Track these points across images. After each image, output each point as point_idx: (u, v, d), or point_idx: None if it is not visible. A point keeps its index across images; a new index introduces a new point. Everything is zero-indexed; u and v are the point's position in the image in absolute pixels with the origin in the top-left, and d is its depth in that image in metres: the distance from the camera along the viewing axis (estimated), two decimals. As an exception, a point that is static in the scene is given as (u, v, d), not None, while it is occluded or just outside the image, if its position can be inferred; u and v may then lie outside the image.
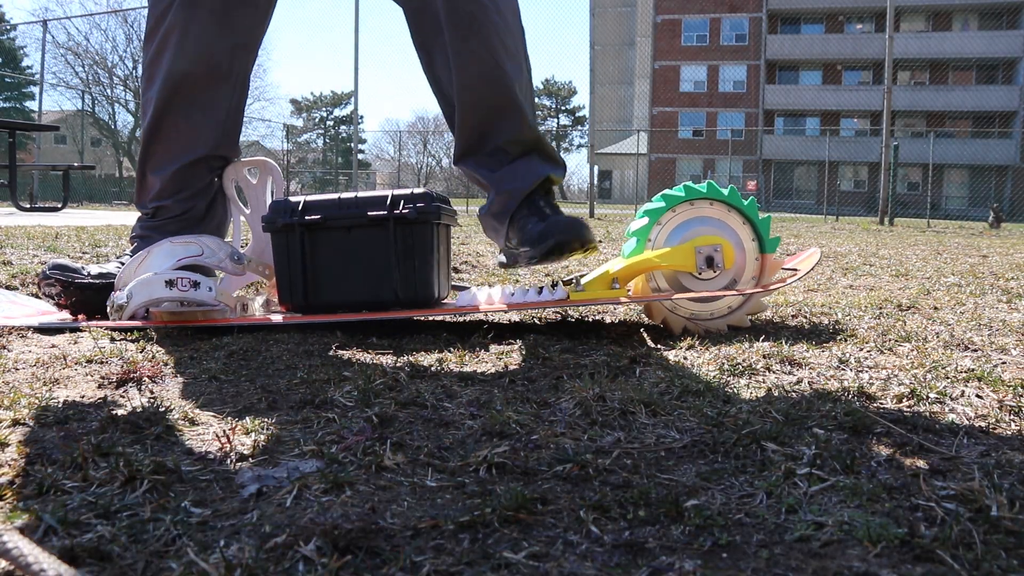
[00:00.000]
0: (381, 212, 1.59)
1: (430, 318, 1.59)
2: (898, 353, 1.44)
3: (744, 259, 1.74)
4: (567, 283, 1.73)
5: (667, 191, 1.76)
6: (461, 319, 1.83)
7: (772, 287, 1.72)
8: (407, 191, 1.64)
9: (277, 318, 1.66)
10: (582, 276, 1.73)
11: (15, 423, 0.94)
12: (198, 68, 1.74)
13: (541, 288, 1.70)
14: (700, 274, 1.70)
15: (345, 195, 1.65)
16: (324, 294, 1.63)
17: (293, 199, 1.65)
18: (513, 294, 1.68)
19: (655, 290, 1.73)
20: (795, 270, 1.89)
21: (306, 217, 1.61)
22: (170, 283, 1.54)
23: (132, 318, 1.58)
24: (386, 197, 1.62)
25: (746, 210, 1.74)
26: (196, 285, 1.56)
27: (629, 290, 1.72)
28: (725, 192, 1.74)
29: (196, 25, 1.72)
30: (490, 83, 1.72)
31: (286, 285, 1.64)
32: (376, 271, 1.62)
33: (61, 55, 32.58)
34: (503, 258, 1.86)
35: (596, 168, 14.42)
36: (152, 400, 1.06)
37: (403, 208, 1.59)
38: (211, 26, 1.73)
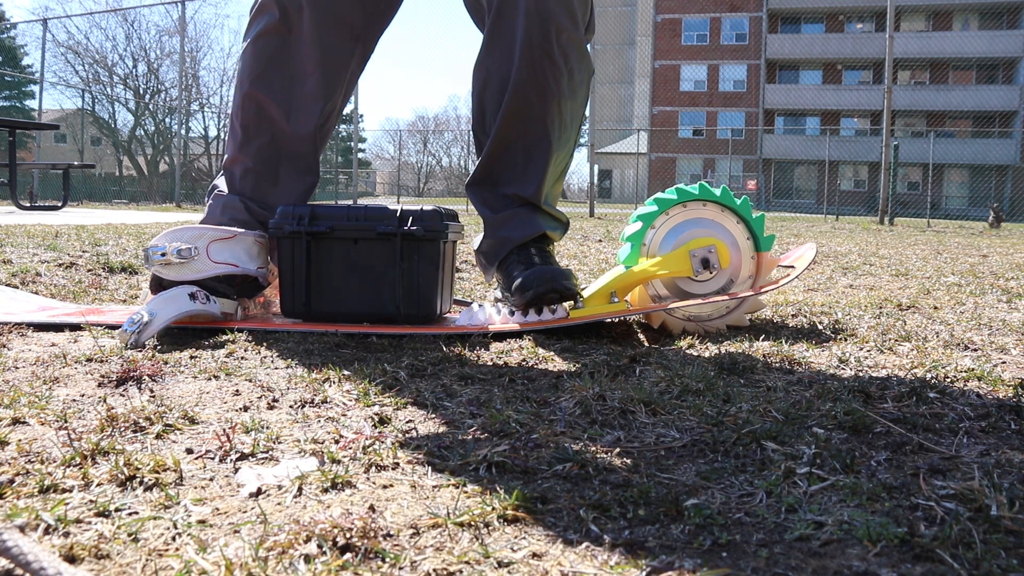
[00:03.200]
0: (390, 227, 1.59)
1: (430, 335, 1.59)
2: (898, 353, 1.44)
3: (740, 258, 1.74)
4: None
5: (659, 194, 1.76)
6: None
7: (767, 289, 1.72)
8: (417, 208, 1.64)
9: (278, 321, 1.66)
10: (582, 289, 1.73)
11: (15, 421, 0.94)
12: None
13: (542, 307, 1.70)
14: (697, 276, 1.70)
15: (353, 206, 1.66)
16: (326, 303, 1.64)
17: (301, 207, 1.65)
18: (513, 313, 1.68)
19: (653, 296, 1.73)
20: (791, 267, 1.89)
21: (313, 227, 1.61)
22: (192, 296, 1.56)
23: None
24: (395, 212, 1.62)
25: (739, 209, 1.74)
26: (209, 298, 1.60)
27: (628, 301, 1.72)
28: (717, 192, 1.74)
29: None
30: (532, 140, 1.73)
31: (288, 291, 1.64)
32: (380, 284, 1.62)
33: (61, 54, 32.56)
34: (499, 293, 1.88)
35: (596, 167, 14.43)
36: (152, 399, 1.06)
37: (412, 225, 1.59)
38: None
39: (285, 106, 1.77)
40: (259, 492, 0.74)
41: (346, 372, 1.22)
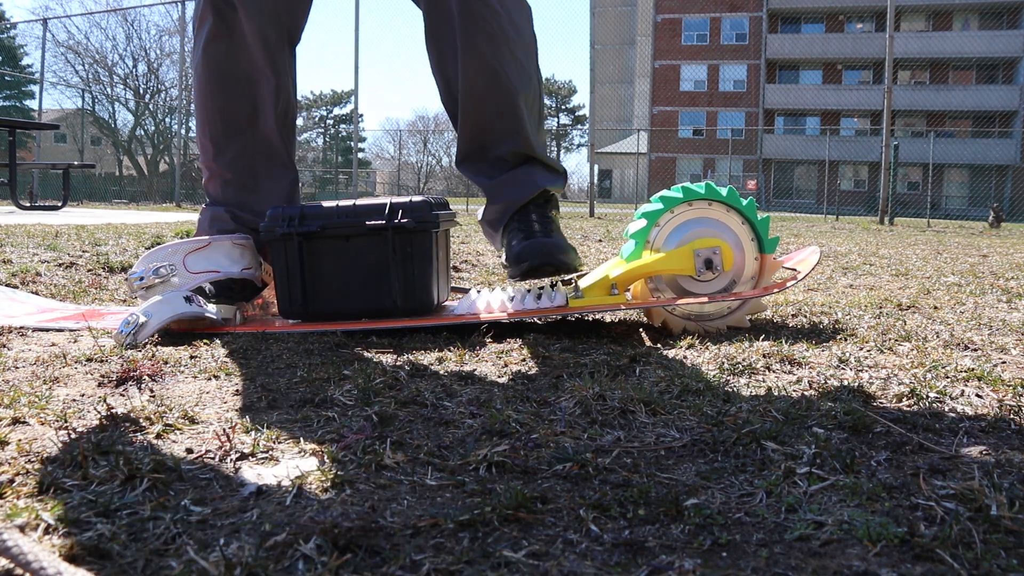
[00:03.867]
0: (379, 222, 1.59)
1: (429, 326, 1.59)
2: (898, 352, 1.44)
3: (743, 260, 1.74)
4: (566, 283, 1.73)
5: (665, 192, 1.75)
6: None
7: (771, 291, 1.72)
8: (406, 199, 1.64)
9: (277, 323, 1.66)
10: (581, 277, 1.73)
11: (15, 421, 0.94)
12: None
13: (540, 294, 1.69)
14: (699, 276, 1.70)
15: (343, 203, 1.65)
16: (323, 303, 1.63)
17: (291, 208, 1.64)
18: (512, 299, 1.68)
19: (654, 292, 1.73)
20: (794, 270, 1.89)
21: (304, 227, 1.60)
22: (188, 299, 1.56)
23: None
24: (384, 206, 1.62)
25: (745, 210, 1.74)
26: (205, 303, 1.61)
27: (628, 294, 1.72)
28: (723, 192, 1.73)
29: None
30: (494, 89, 1.72)
31: (285, 293, 1.64)
32: (375, 279, 1.62)
33: (61, 54, 32.54)
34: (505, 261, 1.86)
35: (596, 167, 14.42)
36: (152, 399, 1.06)
37: (401, 217, 1.59)
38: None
39: (249, 109, 1.77)
40: (259, 492, 0.74)
41: (346, 372, 1.22)
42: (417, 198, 1.64)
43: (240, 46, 1.74)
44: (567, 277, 1.71)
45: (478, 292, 1.75)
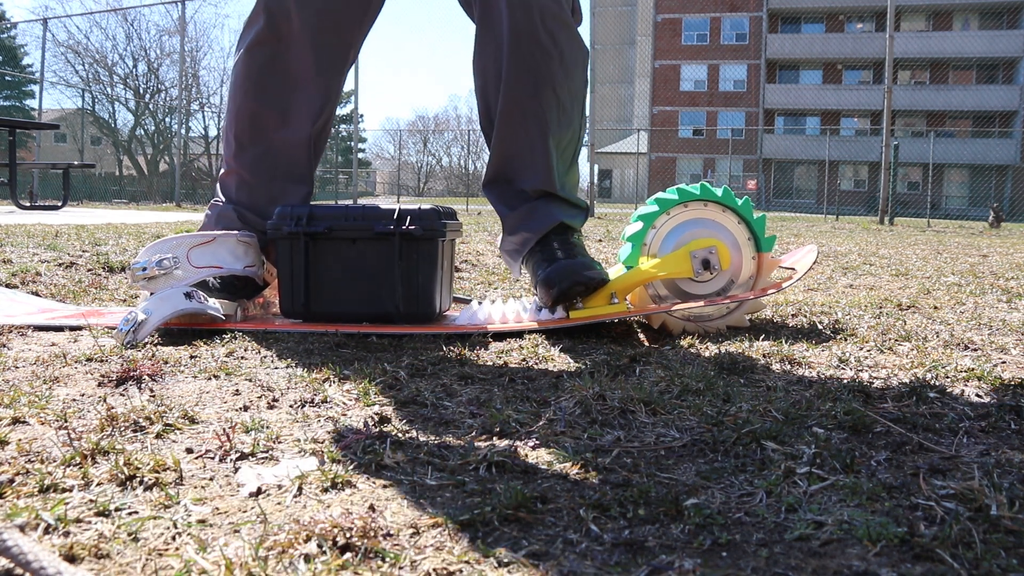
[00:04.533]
0: (388, 227, 1.59)
1: (429, 335, 1.59)
2: (898, 352, 1.44)
3: (741, 259, 1.74)
4: None
5: (660, 194, 1.75)
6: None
7: (769, 291, 1.72)
8: (415, 207, 1.64)
9: (277, 322, 1.66)
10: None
11: (15, 421, 0.94)
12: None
13: (541, 306, 1.69)
14: (697, 277, 1.70)
15: (352, 206, 1.66)
16: (325, 304, 1.64)
17: (299, 207, 1.64)
18: (514, 312, 1.68)
19: (653, 296, 1.73)
20: (792, 268, 1.89)
21: (311, 227, 1.61)
22: (188, 296, 1.56)
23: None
24: (393, 212, 1.62)
25: (740, 210, 1.74)
26: (206, 299, 1.60)
27: (628, 303, 1.72)
28: (719, 193, 1.73)
29: None
30: (529, 127, 1.71)
31: (288, 292, 1.64)
32: (379, 284, 1.62)
33: (61, 53, 32.52)
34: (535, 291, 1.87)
35: (596, 167, 14.41)
36: (152, 398, 1.06)
37: (409, 224, 1.59)
38: None
39: (280, 115, 1.77)
40: (259, 492, 0.74)
41: (346, 372, 1.22)
42: (426, 206, 1.65)
43: (286, 54, 1.75)
44: None
45: (479, 304, 1.75)
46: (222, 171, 1.86)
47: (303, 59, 1.75)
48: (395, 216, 1.61)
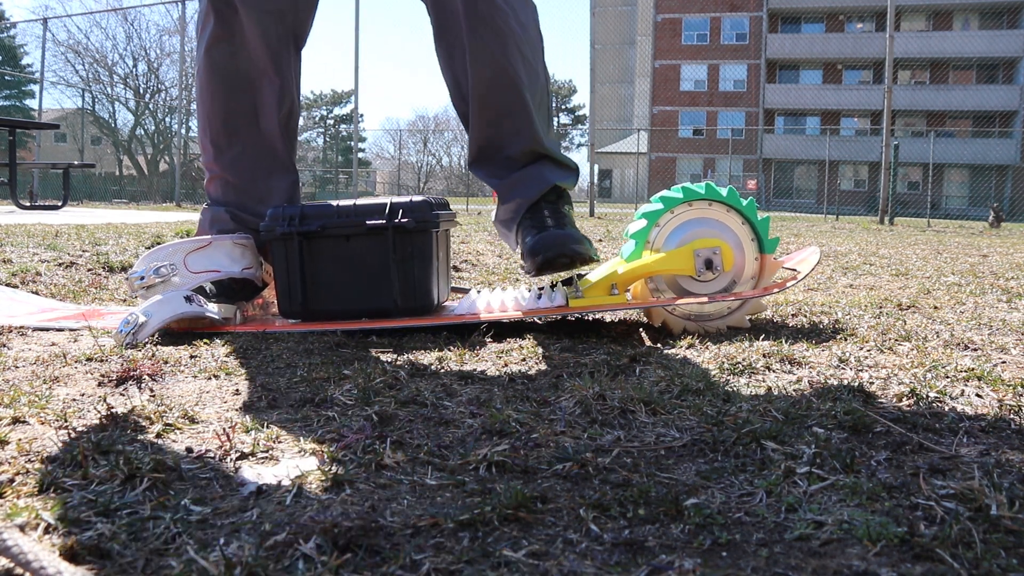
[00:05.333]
0: (379, 221, 1.59)
1: (429, 326, 1.59)
2: (898, 352, 1.44)
3: (743, 260, 1.74)
4: (566, 283, 1.73)
5: (665, 193, 1.75)
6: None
7: (770, 291, 1.72)
8: (406, 199, 1.64)
9: (277, 323, 1.66)
10: (581, 276, 1.73)
11: (15, 421, 0.94)
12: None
13: (540, 293, 1.69)
14: (699, 276, 1.70)
15: (343, 203, 1.65)
16: (323, 302, 1.64)
17: (291, 207, 1.64)
18: (512, 299, 1.68)
19: (654, 291, 1.73)
20: (794, 270, 1.89)
21: (304, 226, 1.60)
22: (188, 299, 1.56)
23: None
24: (384, 206, 1.62)
25: (745, 210, 1.74)
26: (206, 302, 1.60)
27: (628, 294, 1.72)
28: (723, 193, 1.73)
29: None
30: (502, 86, 1.71)
31: (285, 293, 1.64)
32: (375, 279, 1.62)
33: (61, 53, 32.51)
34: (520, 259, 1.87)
35: (596, 167, 14.41)
36: (152, 398, 1.06)
37: (401, 217, 1.59)
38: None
39: (250, 111, 1.77)
40: (259, 491, 0.74)
41: (346, 372, 1.22)
42: (417, 198, 1.64)
43: (242, 48, 1.74)
44: (579, 272, 1.71)
45: (478, 292, 1.75)
46: (206, 178, 1.86)
47: (257, 49, 1.74)
48: (387, 210, 1.61)
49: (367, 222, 1.59)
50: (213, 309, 1.62)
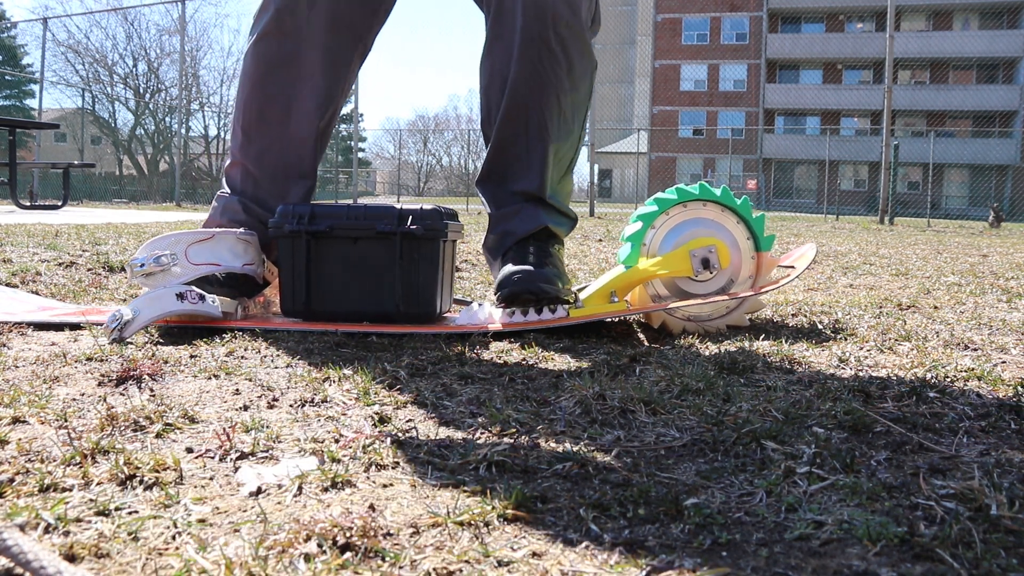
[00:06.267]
0: (390, 226, 1.59)
1: (430, 334, 1.59)
2: (898, 352, 1.44)
3: (740, 258, 1.74)
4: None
5: (659, 194, 1.76)
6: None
7: (767, 289, 1.72)
8: (417, 207, 1.64)
9: (278, 321, 1.66)
10: (581, 289, 1.73)
11: (15, 420, 0.94)
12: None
13: (541, 307, 1.69)
14: (697, 276, 1.70)
15: (353, 205, 1.66)
16: (327, 302, 1.64)
17: (301, 206, 1.65)
18: (513, 312, 1.68)
19: (653, 296, 1.73)
20: (791, 267, 1.89)
21: (313, 226, 1.61)
22: (180, 296, 1.55)
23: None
24: (395, 211, 1.62)
25: (739, 209, 1.74)
26: (202, 298, 1.58)
27: (628, 301, 1.72)
28: (717, 192, 1.74)
29: None
30: (529, 133, 1.71)
31: (288, 291, 1.64)
32: (380, 283, 1.62)
33: (61, 53, 32.50)
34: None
35: (596, 167, 14.41)
36: (152, 398, 1.06)
37: (411, 224, 1.59)
38: None
39: (286, 109, 1.77)
40: (259, 491, 0.74)
41: (346, 371, 1.22)
42: (428, 207, 1.65)
43: (294, 46, 1.74)
44: (580, 285, 1.71)
45: (479, 305, 1.75)
46: (228, 162, 1.86)
47: (311, 54, 1.74)
48: (397, 216, 1.61)
49: (377, 226, 1.60)
50: (212, 303, 1.60)
